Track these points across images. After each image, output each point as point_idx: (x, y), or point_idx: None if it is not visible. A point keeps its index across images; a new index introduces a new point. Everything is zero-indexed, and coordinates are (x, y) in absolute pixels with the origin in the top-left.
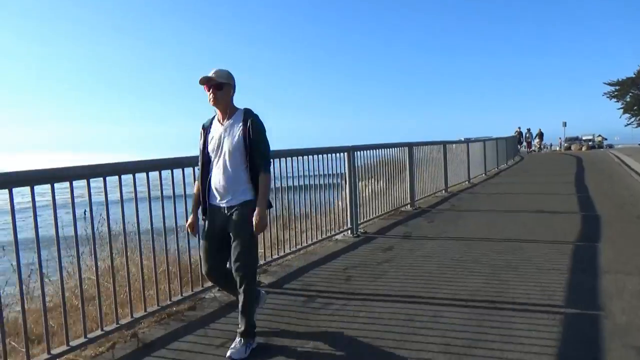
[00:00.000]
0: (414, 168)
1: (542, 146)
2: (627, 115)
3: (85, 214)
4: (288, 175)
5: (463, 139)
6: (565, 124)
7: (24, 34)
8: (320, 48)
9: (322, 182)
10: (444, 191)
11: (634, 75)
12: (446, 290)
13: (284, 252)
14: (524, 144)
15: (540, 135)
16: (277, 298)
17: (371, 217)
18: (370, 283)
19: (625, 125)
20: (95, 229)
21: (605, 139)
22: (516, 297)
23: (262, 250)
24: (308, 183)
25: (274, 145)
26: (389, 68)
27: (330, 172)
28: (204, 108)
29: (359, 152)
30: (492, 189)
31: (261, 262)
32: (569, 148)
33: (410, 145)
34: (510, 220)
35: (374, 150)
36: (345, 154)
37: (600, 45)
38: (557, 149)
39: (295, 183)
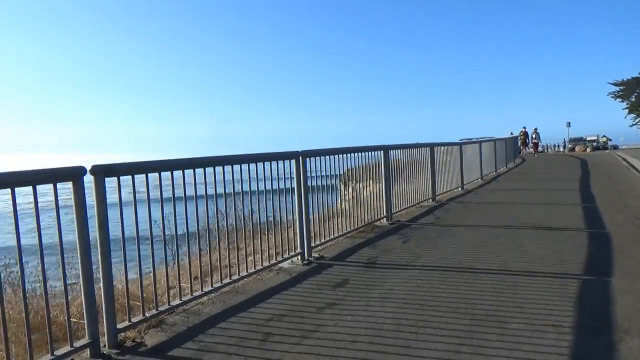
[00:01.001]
0: (391, 175)
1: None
2: (632, 115)
3: None
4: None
5: (464, 140)
6: (569, 124)
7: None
8: (309, 47)
9: (274, 190)
10: (430, 200)
11: (639, 75)
12: None
13: (191, 294)
14: (530, 145)
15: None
16: None
17: (335, 235)
18: (293, 347)
19: (631, 126)
20: None
21: (610, 140)
22: None
23: (185, 285)
24: (257, 191)
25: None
26: (381, 67)
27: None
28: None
29: (312, 159)
30: (487, 197)
31: (153, 312)
32: (573, 149)
33: (385, 149)
34: (503, 239)
35: (346, 156)
36: (294, 161)
37: (605, 44)
38: (561, 149)
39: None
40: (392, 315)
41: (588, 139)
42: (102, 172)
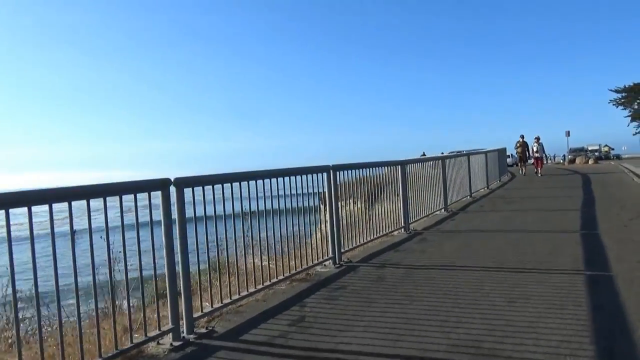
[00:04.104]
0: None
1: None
2: (636, 123)
3: None
4: None
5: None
6: (568, 134)
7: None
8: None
9: None
10: (330, 262)
11: None
12: None
13: None
14: (531, 159)
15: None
16: None
17: None
18: None
19: (634, 134)
20: None
21: (612, 149)
22: None
23: None
24: None
25: None
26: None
27: None
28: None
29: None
30: (432, 251)
31: None
32: (573, 161)
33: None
34: None
35: None
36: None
37: (604, 51)
38: (561, 161)
39: None
40: None
41: (589, 148)
42: None
